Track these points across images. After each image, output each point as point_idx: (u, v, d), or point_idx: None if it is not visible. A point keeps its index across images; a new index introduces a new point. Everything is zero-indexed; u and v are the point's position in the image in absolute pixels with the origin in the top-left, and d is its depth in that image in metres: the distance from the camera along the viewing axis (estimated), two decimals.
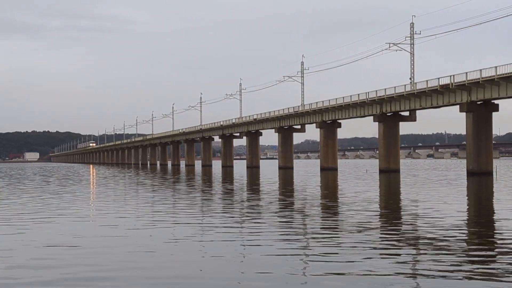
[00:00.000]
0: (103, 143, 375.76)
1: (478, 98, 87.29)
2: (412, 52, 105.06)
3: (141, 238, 24.19)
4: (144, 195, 51.10)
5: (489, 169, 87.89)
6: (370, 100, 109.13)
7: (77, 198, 47.90)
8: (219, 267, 18.05)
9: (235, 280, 16.19)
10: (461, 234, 24.72)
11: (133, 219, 31.13)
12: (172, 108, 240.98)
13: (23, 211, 36.52)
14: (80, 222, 30.28)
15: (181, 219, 31.17)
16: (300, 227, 27.30)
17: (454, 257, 18.99)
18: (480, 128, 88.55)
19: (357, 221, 29.29)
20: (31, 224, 29.28)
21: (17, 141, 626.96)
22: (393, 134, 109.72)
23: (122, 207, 39.08)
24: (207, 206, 38.82)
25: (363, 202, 40.73)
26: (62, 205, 40.50)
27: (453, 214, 32.46)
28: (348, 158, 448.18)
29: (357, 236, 23.76)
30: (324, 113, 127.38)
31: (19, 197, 49.23)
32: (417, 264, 18.18)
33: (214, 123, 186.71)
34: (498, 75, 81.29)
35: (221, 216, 32.14)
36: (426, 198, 44.63)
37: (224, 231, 25.80)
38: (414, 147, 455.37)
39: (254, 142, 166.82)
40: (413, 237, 23.82)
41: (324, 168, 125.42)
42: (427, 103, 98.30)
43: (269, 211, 35.07)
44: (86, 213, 35.72)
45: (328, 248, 20.95)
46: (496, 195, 47.94)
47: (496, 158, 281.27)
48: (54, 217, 32.54)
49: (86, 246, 21.85)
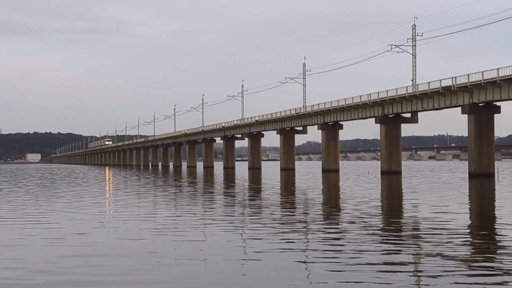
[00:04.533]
0: (104, 144, 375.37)
1: (480, 100, 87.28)
2: (414, 54, 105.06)
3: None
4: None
5: (491, 171, 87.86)
6: (372, 101, 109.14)
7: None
8: (221, 267, 18.14)
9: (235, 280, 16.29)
10: (463, 235, 24.78)
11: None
12: (174, 109, 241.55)
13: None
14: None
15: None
16: (301, 226, 27.36)
17: (456, 258, 19.06)
18: (482, 130, 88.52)
19: (358, 221, 29.34)
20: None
21: (18, 142, 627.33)
22: (395, 135, 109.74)
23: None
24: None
25: (365, 204, 40.76)
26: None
27: (454, 215, 32.50)
28: (350, 160, 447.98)
29: (358, 236, 23.81)
30: (326, 115, 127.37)
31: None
32: (418, 264, 18.26)
33: (216, 124, 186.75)
34: (500, 77, 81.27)
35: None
36: (428, 199, 44.63)
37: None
38: (416, 149, 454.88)
39: (256, 143, 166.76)
40: (413, 237, 23.90)
41: (325, 169, 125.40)
42: (429, 105, 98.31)
43: (270, 211, 35.14)
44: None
45: (329, 249, 21.02)
46: (497, 197, 47.96)
47: (498, 160, 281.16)
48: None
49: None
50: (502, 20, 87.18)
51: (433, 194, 51.22)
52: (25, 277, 16.83)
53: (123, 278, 16.75)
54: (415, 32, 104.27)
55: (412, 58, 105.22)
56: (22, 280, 16.51)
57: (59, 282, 16.27)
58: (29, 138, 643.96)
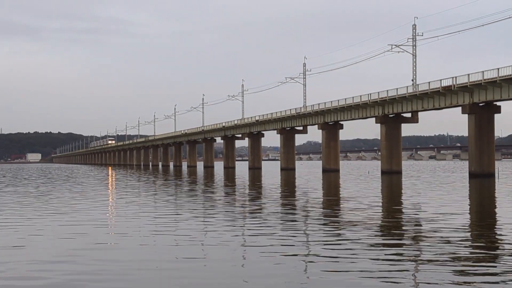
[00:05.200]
0: (107, 144, 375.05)
1: (480, 99, 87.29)
2: (414, 53, 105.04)
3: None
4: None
5: (491, 170, 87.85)
6: (372, 101, 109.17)
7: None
8: (222, 269, 18.16)
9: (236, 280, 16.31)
10: (464, 235, 24.78)
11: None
12: (174, 109, 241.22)
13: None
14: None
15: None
16: (301, 227, 27.37)
17: (458, 259, 19.08)
18: (482, 129, 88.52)
19: (359, 221, 29.34)
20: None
21: (19, 142, 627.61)
22: (395, 135, 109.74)
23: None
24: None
25: (365, 203, 40.77)
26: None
27: (455, 215, 32.51)
28: (350, 160, 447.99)
29: (358, 236, 23.82)
30: (326, 115, 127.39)
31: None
32: (418, 266, 18.27)
33: (216, 124, 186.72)
34: (500, 76, 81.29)
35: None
36: (428, 199, 44.64)
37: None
38: (416, 149, 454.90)
39: (256, 143, 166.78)
40: (414, 236, 23.91)
41: (326, 169, 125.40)
42: (429, 105, 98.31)
43: (270, 211, 35.15)
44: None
45: (329, 249, 21.03)
46: (498, 197, 47.97)
47: (498, 160, 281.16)
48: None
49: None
50: (502, 20, 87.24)
51: (433, 194, 51.20)
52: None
53: (124, 277, 16.82)
54: (415, 32, 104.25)
55: (412, 58, 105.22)
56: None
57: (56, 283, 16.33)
58: (30, 138, 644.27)
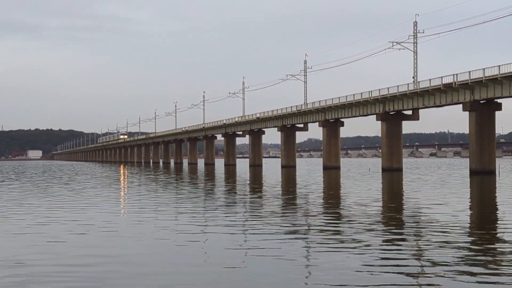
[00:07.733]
0: (106, 141, 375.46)
1: (481, 97, 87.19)
2: (415, 51, 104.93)
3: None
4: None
5: (492, 168, 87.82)
6: (373, 99, 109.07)
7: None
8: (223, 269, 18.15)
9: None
10: (464, 235, 24.77)
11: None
12: (175, 106, 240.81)
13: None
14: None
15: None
16: (302, 227, 27.37)
17: (459, 258, 19.06)
18: (483, 127, 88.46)
19: (359, 221, 29.33)
20: None
21: (20, 139, 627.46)
22: (396, 133, 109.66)
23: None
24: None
25: (366, 201, 40.76)
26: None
27: (455, 212, 32.48)
28: (351, 157, 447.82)
29: (359, 236, 23.81)
30: (327, 112, 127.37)
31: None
32: (419, 266, 18.25)
33: (217, 121, 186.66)
34: (501, 74, 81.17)
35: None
36: (429, 196, 44.62)
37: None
38: (417, 146, 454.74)
39: (257, 140, 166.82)
40: (414, 236, 23.88)
41: (327, 166, 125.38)
42: (430, 102, 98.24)
43: (270, 210, 35.15)
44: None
45: (329, 248, 21.02)
46: (498, 194, 47.97)
47: (499, 157, 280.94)
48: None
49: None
50: (504, 17, 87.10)
51: (434, 191, 51.19)
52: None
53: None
54: (416, 29, 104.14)
55: (413, 55, 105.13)
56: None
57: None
58: (30, 135, 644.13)
